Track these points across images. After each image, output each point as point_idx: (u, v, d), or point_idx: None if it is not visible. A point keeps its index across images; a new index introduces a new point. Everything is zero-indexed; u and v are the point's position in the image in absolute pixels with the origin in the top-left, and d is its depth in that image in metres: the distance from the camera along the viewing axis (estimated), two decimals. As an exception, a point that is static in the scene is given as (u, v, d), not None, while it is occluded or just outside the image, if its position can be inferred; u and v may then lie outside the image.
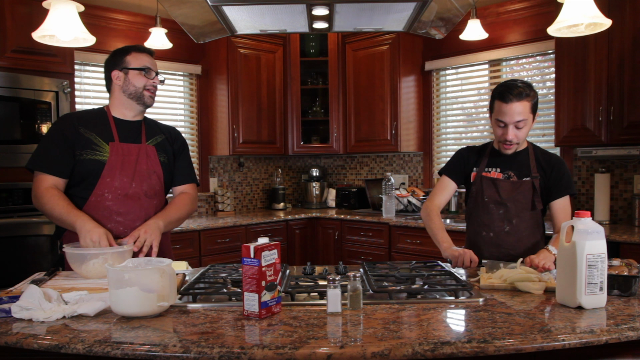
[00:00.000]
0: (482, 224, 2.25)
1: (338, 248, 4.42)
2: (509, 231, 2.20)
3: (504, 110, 2.08)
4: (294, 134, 4.85)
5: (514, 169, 2.21)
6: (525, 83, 2.10)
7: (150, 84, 2.15)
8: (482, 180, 2.24)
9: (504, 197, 2.19)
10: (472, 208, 2.31)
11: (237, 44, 4.46)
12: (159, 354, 1.21)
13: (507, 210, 2.19)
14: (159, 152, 2.20)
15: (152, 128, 2.25)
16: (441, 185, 2.35)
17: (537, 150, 2.24)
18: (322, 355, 1.19)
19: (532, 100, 2.09)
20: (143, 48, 2.18)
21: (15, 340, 1.31)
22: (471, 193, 2.30)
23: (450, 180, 2.33)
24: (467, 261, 2.03)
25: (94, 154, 2.07)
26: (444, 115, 4.57)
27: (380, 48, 4.49)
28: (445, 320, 1.44)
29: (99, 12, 3.88)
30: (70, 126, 2.09)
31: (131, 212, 2.10)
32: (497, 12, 4.01)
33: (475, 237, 2.28)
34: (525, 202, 2.18)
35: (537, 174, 2.18)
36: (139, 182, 2.12)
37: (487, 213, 2.23)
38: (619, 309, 1.48)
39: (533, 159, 2.20)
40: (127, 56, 2.13)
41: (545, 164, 2.19)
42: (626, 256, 2.29)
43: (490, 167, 2.25)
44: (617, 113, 3.19)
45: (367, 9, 2.00)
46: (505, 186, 2.20)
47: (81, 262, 1.84)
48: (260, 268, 1.41)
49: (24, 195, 3.09)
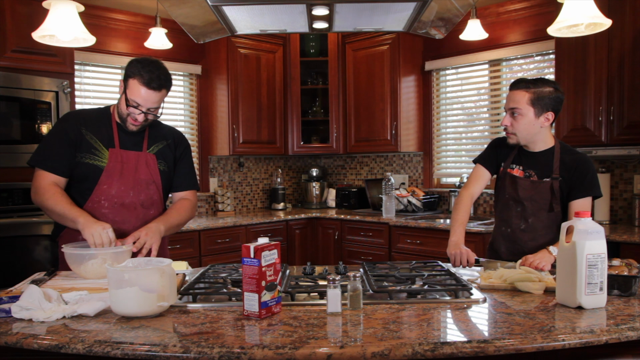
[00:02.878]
0: (502, 219, 2.28)
1: (338, 248, 4.42)
2: (525, 229, 2.20)
3: (507, 97, 2.17)
4: (294, 134, 4.85)
5: (536, 169, 2.19)
6: (544, 80, 2.12)
7: (134, 116, 2.03)
8: (505, 176, 2.26)
9: (522, 196, 2.19)
10: (496, 202, 2.35)
11: (237, 44, 4.46)
12: (159, 354, 1.21)
13: (524, 208, 2.20)
14: (159, 160, 2.18)
15: (156, 133, 2.21)
16: (476, 174, 2.36)
17: (564, 149, 2.19)
18: (322, 355, 1.19)
19: (533, 92, 2.08)
20: (148, 81, 1.97)
21: (15, 340, 1.31)
22: (497, 187, 2.33)
23: (485, 170, 2.33)
24: (464, 261, 2.07)
25: (93, 158, 2.06)
26: (444, 115, 4.57)
27: (380, 48, 4.49)
28: (445, 320, 1.44)
29: (99, 12, 3.88)
30: (74, 126, 2.07)
31: (127, 221, 2.09)
32: (497, 12, 4.01)
33: (497, 231, 2.32)
34: (543, 202, 2.16)
35: (557, 176, 2.14)
36: (137, 192, 2.11)
37: (506, 209, 2.26)
38: (619, 309, 1.48)
39: (558, 159, 2.16)
40: (130, 79, 1.99)
41: (570, 162, 2.14)
42: (626, 256, 2.28)
43: (515, 163, 2.25)
44: (617, 113, 3.19)
45: (367, 9, 2.00)
46: (524, 185, 2.20)
47: (80, 262, 1.83)
48: (260, 268, 1.41)
49: (24, 195, 3.09)
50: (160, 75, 2.00)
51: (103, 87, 4.09)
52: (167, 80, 2.04)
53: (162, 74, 2.01)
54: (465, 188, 2.35)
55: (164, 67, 2.05)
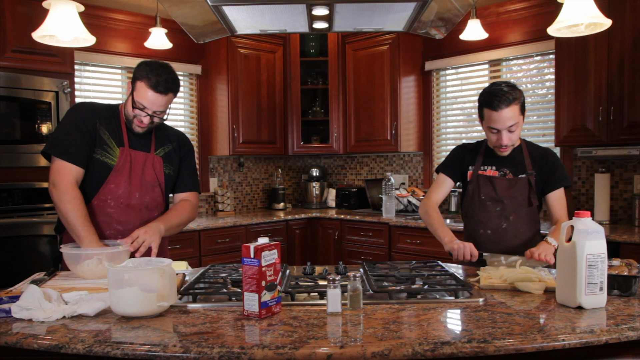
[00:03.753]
0: (479, 222, 2.27)
1: (338, 248, 4.42)
2: (506, 228, 2.22)
3: (494, 118, 2.08)
4: (294, 134, 4.85)
5: (509, 167, 2.23)
6: (510, 85, 2.10)
7: (140, 118, 2.03)
8: (478, 178, 2.26)
9: (501, 195, 2.21)
10: (468, 206, 2.32)
11: (237, 44, 4.46)
12: (159, 354, 1.21)
13: (504, 207, 2.21)
14: (165, 163, 2.17)
15: (162, 136, 2.20)
16: (438, 182, 2.37)
17: (529, 146, 2.26)
18: (322, 355, 1.19)
19: (520, 102, 2.09)
20: (155, 84, 1.96)
21: (15, 340, 1.31)
22: (467, 192, 2.31)
23: (447, 177, 2.34)
24: (468, 254, 2.04)
25: (105, 155, 2.04)
26: (443, 115, 4.57)
27: (380, 48, 4.49)
28: (445, 320, 1.44)
29: (99, 12, 3.88)
30: (91, 117, 2.03)
31: (131, 222, 2.09)
32: (497, 12, 4.01)
33: (473, 235, 2.29)
34: (522, 198, 2.20)
35: (532, 171, 2.20)
36: (142, 193, 2.10)
37: (484, 211, 2.25)
38: (619, 309, 1.48)
39: (527, 155, 2.23)
40: (138, 81, 1.99)
41: (539, 158, 2.21)
42: (626, 256, 2.29)
43: (486, 165, 2.27)
44: (617, 113, 3.19)
45: (367, 9, 2.00)
46: (501, 183, 2.22)
47: (76, 262, 1.84)
48: (260, 268, 1.41)
49: (24, 195, 3.09)
50: (167, 79, 1.99)
51: (103, 87, 4.09)
52: (174, 84, 2.03)
53: (170, 77, 2.00)
54: (427, 197, 2.36)
55: (172, 71, 2.03)
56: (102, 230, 2.03)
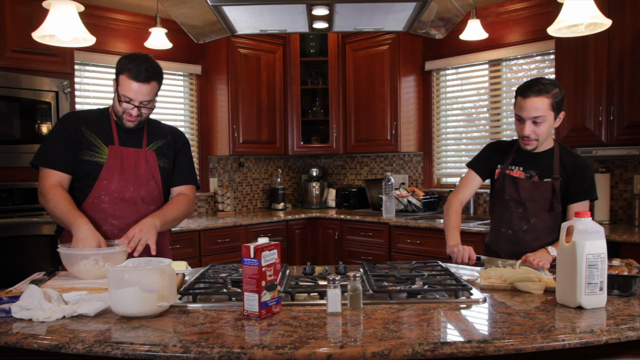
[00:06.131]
0: (502, 221, 2.27)
1: (338, 248, 4.42)
2: (527, 230, 2.21)
3: (521, 104, 2.08)
4: (294, 134, 4.85)
5: (536, 169, 2.19)
6: (550, 80, 2.09)
7: (128, 112, 2.04)
8: (504, 178, 2.25)
9: (523, 197, 2.19)
10: (494, 204, 2.33)
11: (237, 44, 4.46)
12: (159, 354, 1.21)
13: (526, 209, 2.20)
14: (158, 157, 2.18)
15: (154, 131, 2.22)
16: (467, 179, 2.37)
17: (563, 151, 2.20)
18: (322, 355, 1.19)
19: (553, 97, 2.06)
20: (136, 74, 1.97)
21: (15, 340, 1.31)
22: (494, 190, 2.31)
23: (476, 175, 2.34)
24: (466, 257, 2.08)
25: (93, 155, 2.07)
26: (444, 115, 4.57)
27: (380, 48, 4.49)
28: (445, 320, 1.44)
29: (99, 12, 3.88)
30: (74, 125, 2.09)
31: (127, 215, 2.09)
32: (497, 12, 4.01)
33: (496, 233, 2.31)
34: (544, 202, 2.17)
35: (558, 176, 2.15)
36: (137, 187, 2.11)
37: (506, 211, 2.25)
38: (619, 309, 1.48)
39: (557, 159, 2.17)
40: (120, 75, 2.00)
41: (570, 165, 2.16)
42: (626, 256, 2.28)
43: (514, 165, 2.25)
44: (617, 113, 3.19)
45: (367, 9, 2.00)
46: (525, 186, 2.20)
47: (73, 262, 1.84)
48: (260, 268, 1.41)
49: (24, 195, 3.09)
50: (148, 67, 2.00)
51: (103, 87, 4.08)
52: (156, 72, 2.03)
53: (150, 66, 2.01)
54: (455, 194, 2.36)
55: (152, 60, 2.04)
56: (99, 226, 2.02)
